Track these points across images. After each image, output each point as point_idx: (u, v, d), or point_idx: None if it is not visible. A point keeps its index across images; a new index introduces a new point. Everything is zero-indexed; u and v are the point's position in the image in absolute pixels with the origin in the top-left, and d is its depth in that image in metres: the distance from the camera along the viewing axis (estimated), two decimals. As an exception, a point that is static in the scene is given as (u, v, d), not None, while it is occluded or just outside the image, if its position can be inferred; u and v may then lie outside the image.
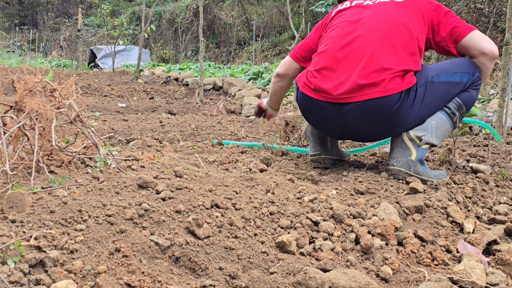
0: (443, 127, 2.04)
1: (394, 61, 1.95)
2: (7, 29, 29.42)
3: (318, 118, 2.16)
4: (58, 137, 1.63)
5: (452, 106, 2.05)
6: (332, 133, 2.22)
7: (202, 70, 6.25)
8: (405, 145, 2.02)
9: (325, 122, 2.13)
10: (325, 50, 2.10)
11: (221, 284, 1.16)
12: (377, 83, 1.93)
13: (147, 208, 1.34)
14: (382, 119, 1.98)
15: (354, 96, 1.96)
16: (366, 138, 2.23)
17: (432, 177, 1.99)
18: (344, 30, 2.09)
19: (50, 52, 21.17)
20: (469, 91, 2.07)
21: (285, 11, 14.99)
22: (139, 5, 19.95)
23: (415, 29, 2.02)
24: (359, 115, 1.99)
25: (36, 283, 1.01)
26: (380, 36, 2.00)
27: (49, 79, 1.63)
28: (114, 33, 12.28)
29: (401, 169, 1.98)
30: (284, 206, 1.55)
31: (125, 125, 3.76)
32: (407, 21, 2.03)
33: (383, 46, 1.98)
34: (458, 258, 1.47)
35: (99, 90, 6.81)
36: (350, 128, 2.06)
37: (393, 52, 1.97)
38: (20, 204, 1.21)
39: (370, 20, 2.07)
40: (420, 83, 1.98)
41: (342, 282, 1.17)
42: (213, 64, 12.17)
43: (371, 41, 2.00)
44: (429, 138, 2.01)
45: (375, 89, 1.93)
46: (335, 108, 2.02)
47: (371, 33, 2.02)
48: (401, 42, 1.99)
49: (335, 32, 2.13)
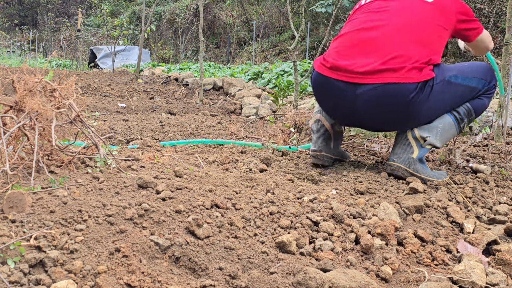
0: (449, 131, 2.06)
1: (415, 53, 1.95)
2: (7, 29, 29.41)
3: (330, 98, 2.13)
4: (58, 137, 1.63)
5: (462, 111, 2.07)
6: (342, 116, 2.20)
7: (202, 70, 6.25)
8: (408, 143, 2.03)
9: (337, 103, 2.12)
10: (347, 33, 2.13)
11: (221, 284, 1.16)
12: (395, 69, 1.93)
13: (147, 208, 1.34)
14: (394, 107, 1.97)
15: (369, 78, 1.95)
16: (373, 127, 2.22)
17: (431, 176, 1.99)
18: (368, 17, 2.12)
19: (50, 52, 21.18)
20: (482, 99, 2.10)
21: (285, 11, 14.98)
22: (139, 5, 19.94)
23: (439, 25, 2.05)
24: (372, 99, 1.98)
25: (36, 283, 1.01)
26: (404, 27, 2.02)
27: (49, 79, 1.63)
28: (114, 33, 12.27)
29: (401, 165, 1.98)
30: (284, 206, 1.55)
31: (125, 125, 3.76)
32: (432, 16, 2.05)
33: (406, 37, 1.99)
34: (458, 258, 1.47)
35: (99, 90, 6.81)
36: (360, 112, 2.05)
37: (415, 44, 1.98)
38: (20, 204, 1.21)
39: (396, 10, 2.08)
40: (437, 79, 1.98)
41: (342, 282, 1.17)
42: (213, 64, 12.16)
43: (394, 30, 2.02)
44: (433, 140, 2.02)
45: (392, 74, 1.93)
46: (349, 88, 2.00)
47: (395, 22, 2.04)
48: (424, 36, 2.00)
49: (359, 18, 2.16)
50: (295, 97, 4.66)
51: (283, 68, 7.80)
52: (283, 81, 5.41)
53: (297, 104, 4.68)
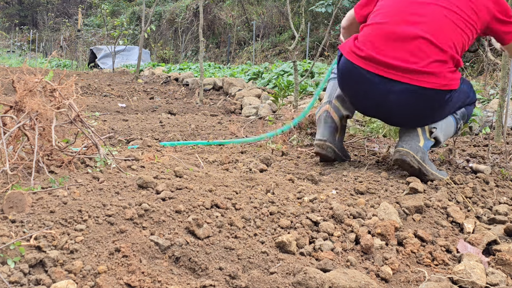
0: (450, 129, 2.16)
1: (450, 56, 1.97)
2: (7, 29, 29.40)
3: (358, 88, 2.10)
4: (58, 137, 1.63)
5: (459, 113, 2.18)
6: (365, 106, 2.18)
7: (202, 70, 6.25)
8: (416, 133, 2.07)
9: (364, 93, 2.09)
10: (384, 23, 2.05)
11: (221, 284, 1.16)
12: (436, 74, 1.94)
13: (147, 208, 1.34)
14: (427, 110, 2.03)
15: (409, 78, 1.94)
16: (396, 122, 2.24)
17: (434, 170, 2.04)
18: (407, 9, 2.04)
19: (50, 52, 21.17)
20: (471, 105, 2.25)
21: (285, 11, 14.98)
22: (139, 5, 19.94)
23: (473, 25, 2.04)
24: (407, 99, 1.98)
25: (36, 283, 1.01)
26: (443, 27, 1.99)
27: (49, 79, 1.63)
28: (114, 33, 12.27)
29: (410, 151, 1.99)
30: (284, 206, 1.55)
31: (125, 125, 3.76)
32: (468, 15, 2.02)
33: (445, 39, 1.97)
34: (458, 258, 1.47)
35: (99, 90, 6.81)
36: (389, 107, 2.05)
37: (452, 46, 1.98)
38: (20, 204, 1.21)
39: (436, 6, 2.02)
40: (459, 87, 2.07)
41: (342, 282, 1.17)
42: (213, 64, 12.16)
43: (435, 30, 1.97)
44: (439, 134, 2.10)
45: (433, 79, 1.95)
46: (383, 82, 1.99)
47: (436, 21, 1.99)
48: (458, 37, 2.01)
49: (394, 5, 2.08)
50: (295, 97, 4.66)
51: (283, 68, 7.80)
52: (283, 81, 5.41)
53: (297, 104, 4.68)
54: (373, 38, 2.03)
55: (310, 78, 6.88)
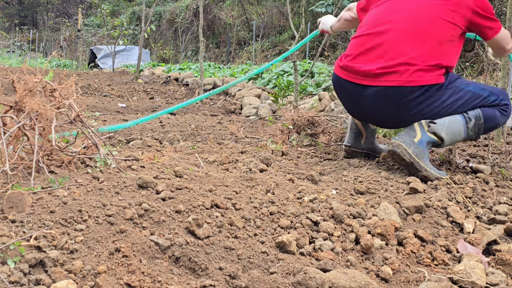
0: (455, 126, 2.12)
1: (420, 55, 2.06)
2: (7, 29, 29.39)
3: (342, 97, 2.37)
4: (58, 137, 1.63)
5: (471, 113, 2.14)
6: (354, 113, 2.41)
7: (202, 70, 6.25)
8: (413, 128, 2.12)
9: (349, 102, 2.34)
10: (360, 36, 2.26)
11: (221, 284, 1.16)
12: (400, 72, 2.06)
13: (147, 208, 1.34)
14: (398, 108, 2.12)
15: (375, 80, 2.11)
16: (384, 124, 2.41)
17: (430, 167, 2.04)
18: (380, 19, 2.23)
19: (50, 52, 21.17)
20: (493, 109, 2.16)
21: (285, 11, 14.98)
22: (139, 5, 19.94)
23: (449, 22, 2.11)
24: (377, 100, 2.14)
25: (36, 283, 1.01)
26: (412, 30, 2.12)
27: (49, 79, 1.63)
28: (114, 33, 12.26)
29: (402, 144, 2.06)
30: (284, 206, 1.55)
31: (125, 125, 3.76)
32: (441, 14, 2.12)
33: (412, 40, 2.10)
34: (458, 258, 1.47)
35: (99, 90, 6.81)
36: (369, 111, 2.24)
37: (421, 45, 2.08)
38: (20, 204, 1.21)
39: (406, 11, 2.18)
40: (449, 85, 2.09)
41: (342, 282, 1.17)
42: (213, 64, 12.15)
43: (400, 33, 2.13)
44: (439, 129, 2.09)
45: (397, 77, 2.07)
46: (357, 89, 2.20)
47: (401, 25, 2.15)
48: (434, 37, 2.09)
49: (372, 18, 2.29)
50: (295, 97, 4.66)
51: (283, 68, 7.80)
52: (283, 81, 5.41)
53: (297, 104, 4.68)
54: (351, 49, 2.27)
55: (310, 78, 6.88)
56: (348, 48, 2.30)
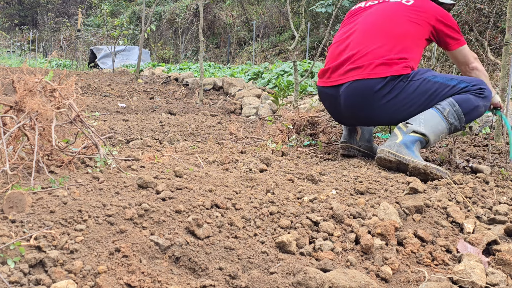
0: (432, 119, 2.16)
1: (382, 49, 2.21)
2: (7, 29, 29.39)
3: (327, 106, 2.49)
4: (58, 137, 1.63)
5: (443, 103, 2.18)
6: (342, 118, 2.49)
7: (202, 70, 6.25)
8: (394, 134, 2.20)
9: (330, 108, 2.47)
10: (331, 45, 2.49)
11: (221, 284, 1.16)
12: (363, 67, 2.21)
13: (147, 208, 1.34)
14: (364, 102, 2.23)
15: (343, 78, 2.28)
16: (362, 121, 2.47)
17: (414, 157, 2.06)
18: (347, 26, 2.46)
19: (50, 52, 21.17)
20: (466, 94, 2.17)
21: (285, 11, 14.98)
22: (139, 5, 19.93)
23: (411, 20, 2.26)
24: (349, 96, 2.27)
25: (36, 283, 1.01)
26: (372, 27, 2.30)
27: (49, 79, 1.63)
28: (114, 33, 12.26)
29: (384, 148, 2.12)
30: (284, 206, 1.55)
31: (125, 125, 3.76)
32: (403, 13, 2.28)
33: (373, 36, 2.26)
34: (458, 258, 1.47)
35: (99, 90, 6.81)
36: (345, 110, 2.34)
37: (383, 41, 2.23)
38: (20, 204, 1.21)
39: (369, 14, 2.37)
40: (415, 77, 2.18)
41: (342, 282, 1.17)
42: (213, 64, 12.15)
43: (362, 32, 2.31)
44: (417, 127, 2.13)
45: (361, 71, 2.21)
46: (334, 91, 2.35)
47: (366, 26, 2.33)
48: (397, 33, 2.24)
49: (342, 29, 2.49)
50: (295, 97, 4.66)
51: (283, 68, 7.80)
52: (283, 81, 5.41)
53: (297, 104, 4.68)
54: (327, 58, 2.46)
55: (310, 78, 6.88)
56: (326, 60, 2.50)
